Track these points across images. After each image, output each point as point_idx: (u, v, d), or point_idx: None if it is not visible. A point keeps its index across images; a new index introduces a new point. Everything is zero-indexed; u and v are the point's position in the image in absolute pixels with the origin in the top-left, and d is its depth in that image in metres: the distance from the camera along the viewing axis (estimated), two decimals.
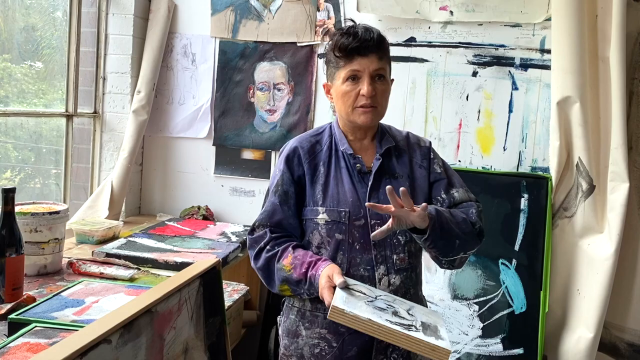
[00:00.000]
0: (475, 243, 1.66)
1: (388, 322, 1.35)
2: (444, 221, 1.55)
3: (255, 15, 3.22)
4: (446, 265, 1.69)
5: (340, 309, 1.33)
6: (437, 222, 1.53)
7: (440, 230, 1.53)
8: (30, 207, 2.09)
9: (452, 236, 1.57)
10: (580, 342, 2.60)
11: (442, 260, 1.66)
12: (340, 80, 1.64)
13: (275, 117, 3.25)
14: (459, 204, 1.72)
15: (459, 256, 1.65)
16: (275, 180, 1.72)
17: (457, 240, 1.58)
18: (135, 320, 0.97)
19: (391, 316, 1.40)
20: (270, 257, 1.63)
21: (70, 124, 3.06)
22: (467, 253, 1.66)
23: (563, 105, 2.64)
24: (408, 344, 1.32)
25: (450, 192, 1.72)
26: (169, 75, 3.37)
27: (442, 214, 1.57)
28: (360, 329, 1.34)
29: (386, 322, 1.34)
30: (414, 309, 1.52)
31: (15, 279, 1.73)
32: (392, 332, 1.32)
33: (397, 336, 1.32)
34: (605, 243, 2.57)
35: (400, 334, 1.32)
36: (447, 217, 1.57)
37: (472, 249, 1.66)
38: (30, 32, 2.90)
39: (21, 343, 1.18)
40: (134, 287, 1.69)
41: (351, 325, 1.34)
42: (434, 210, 1.55)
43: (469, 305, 2.77)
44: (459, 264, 1.70)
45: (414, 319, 1.43)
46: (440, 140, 3.01)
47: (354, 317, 1.33)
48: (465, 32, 2.96)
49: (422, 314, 1.51)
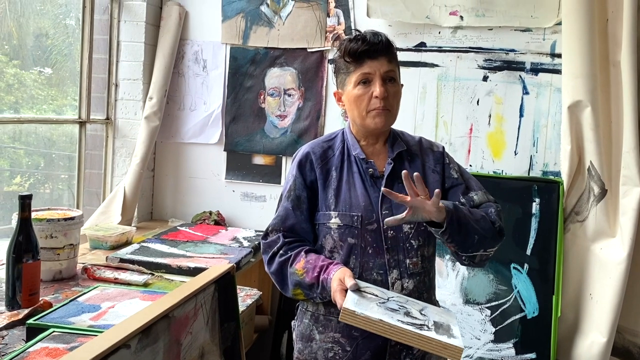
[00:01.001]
0: (496, 241, 1.66)
1: (399, 322, 1.35)
2: (462, 216, 1.56)
3: (265, 22, 3.24)
4: (467, 261, 1.67)
5: (351, 310, 1.34)
6: (454, 216, 1.53)
7: (457, 224, 1.53)
8: (45, 214, 2.11)
9: (470, 231, 1.57)
10: (593, 347, 2.59)
11: (462, 255, 1.65)
12: (351, 85, 1.65)
13: (285, 122, 3.27)
14: (478, 206, 1.72)
15: (479, 253, 1.64)
16: (288, 185, 1.73)
17: (475, 235, 1.58)
18: (153, 326, 0.99)
19: (403, 316, 1.40)
20: (283, 261, 1.65)
21: (83, 130, 3.09)
22: (487, 251, 1.65)
23: (574, 110, 2.64)
24: (420, 343, 1.33)
25: (469, 194, 1.72)
26: (180, 82, 3.39)
27: (460, 208, 1.58)
28: (372, 330, 1.35)
29: (398, 322, 1.35)
30: (427, 309, 1.53)
31: (32, 284, 1.75)
32: (403, 331, 1.33)
33: (409, 336, 1.33)
34: (618, 247, 2.56)
35: (412, 333, 1.33)
36: (465, 213, 1.58)
37: (492, 247, 1.66)
38: (40, 39, 2.94)
39: (40, 348, 1.20)
40: (149, 292, 1.70)
41: (363, 327, 1.35)
42: (452, 204, 1.56)
43: (481, 309, 2.77)
44: (479, 261, 1.68)
45: (426, 319, 1.44)
46: (451, 145, 3.01)
47: (365, 319, 1.33)
48: (476, 37, 2.96)
49: (435, 313, 1.52)
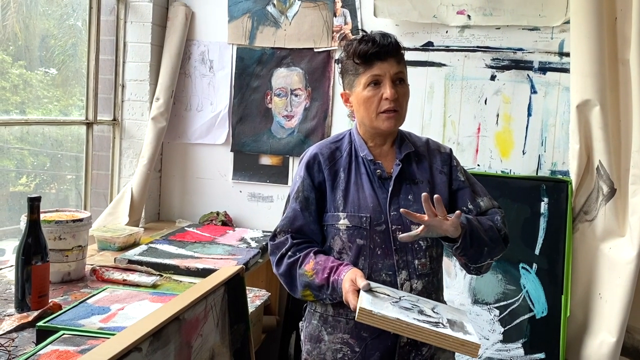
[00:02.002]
0: (502, 249, 1.68)
1: (416, 321, 1.36)
2: (474, 229, 1.58)
3: (272, 22, 3.23)
4: (474, 271, 1.71)
5: (368, 310, 1.34)
6: (468, 231, 1.55)
7: (470, 239, 1.56)
8: (54, 215, 2.11)
9: (481, 244, 1.59)
10: (602, 347, 2.57)
11: (471, 267, 1.68)
12: (361, 86, 1.65)
13: (292, 122, 3.26)
14: (484, 212, 1.74)
15: (486, 262, 1.68)
16: (296, 186, 1.73)
17: (485, 247, 1.61)
18: (164, 328, 0.98)
19: (417, 315, 1.41)
20: (292, 263, 1.64)
21: (91, 131, 3.09)
22: (493, 259, 1.69)
23: (583, 109, 2.63)
24: (437, 341, 1.34)
25: (477, 201, 1.74)
26: (187, 82, 3.39)
27: (473, 222, 1.60)
28: (389, 329, 1.36)
29: (414, 320, 1.36)
30: (438, 307, 1.54)
31: (41, 286, 1.76)
32: (421, 329, 1.34)
33: (427, 333, 1.34)
34: (627, 247, 2.55)
35: (429, 331, 1.34)
36: (477, 226, 1.60)
37: (498, 255, 1.69)
38: (45, 39, 2.94)
39: (50, 350, 1.20)
40: (159, 294, 1.70)
41: (379, 326, 1.35)
42: (465, 219, 1.57)
43: (490, 309, 2.76)
44: (485, 269, 1.73)
45: (439, 317, 1.45)
46: (459, 145, 3.00)
47: (382, 318, 1.34)
48: (483, 36, 2.95)
49: (447, 311, 1.53)
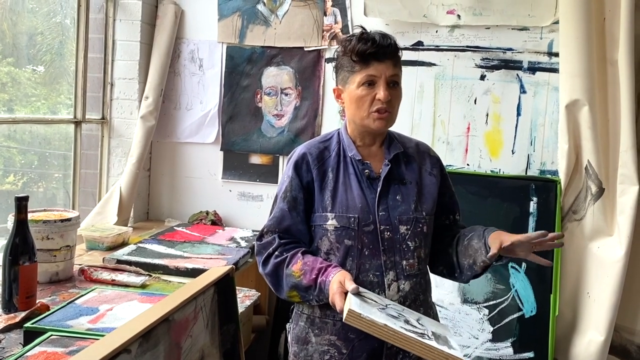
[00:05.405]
0: None
1: (402, 329, 1.36)
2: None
3: (262, 20, 3.22)
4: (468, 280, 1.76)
5: (357, 312, 1.34)
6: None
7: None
8: (41, 215, 2.09)
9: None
10: (590, 345, 2.59)
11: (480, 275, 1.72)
12: (354, 84, 1.64)
13: (282, 121, 3.26)
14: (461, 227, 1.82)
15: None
16: (283, 186, 1.71)
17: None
18: (154, 330, 0.97)
19: (404, 324, 1.41)
20: (278, 263, 1.63)
21: (79, 130, 3.07)
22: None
23: (572, 108, 2.64)
24: (422, 352, 1.34)
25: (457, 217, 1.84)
26: (176, 81, 3.38)
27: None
28: (376, 334, 1.35)
29: (401, 328, 1.36)
30: (423, 320, 1.54)
31: (29, 287, 1.74)
32: (407, 338, 1.34)
33: (412, 343, 1.34)
34: (615, 246, 2.57)
35: (415, 340, 1.34)
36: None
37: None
38: (33, 37, 2.91)
39: (38, 352, 1.19)
40: (148, 294, 1.69)
41: (367, 330, 1.34)
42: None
43: (479, 309, 2.77)
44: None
45: (425, 328, 1.45)
46: (449, 144, 3.01)
47: (370, 322, 1.34)
48: (473, 36, 2.96)
49: (431, 324, 1.54)
